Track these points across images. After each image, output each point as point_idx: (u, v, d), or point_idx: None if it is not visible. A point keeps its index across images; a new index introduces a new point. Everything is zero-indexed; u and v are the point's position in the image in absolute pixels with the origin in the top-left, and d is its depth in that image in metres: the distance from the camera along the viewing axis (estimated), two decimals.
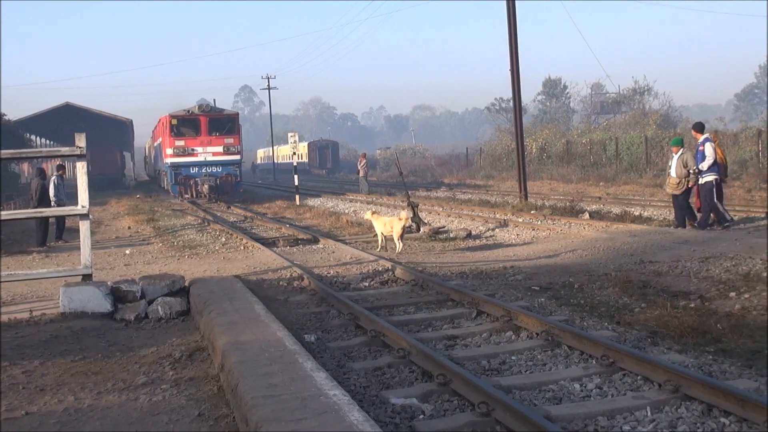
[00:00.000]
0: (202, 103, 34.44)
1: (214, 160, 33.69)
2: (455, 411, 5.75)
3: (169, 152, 33.88)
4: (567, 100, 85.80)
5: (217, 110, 35.19)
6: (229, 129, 34.73)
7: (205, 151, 33.64)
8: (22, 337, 7.87)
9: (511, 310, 8.50)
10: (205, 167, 33.55)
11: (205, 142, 33.74)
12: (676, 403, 5.67)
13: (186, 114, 34.00)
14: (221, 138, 34.10)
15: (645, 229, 15.80)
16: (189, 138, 33.82)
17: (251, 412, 4.58)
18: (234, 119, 35.49)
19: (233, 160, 34.59)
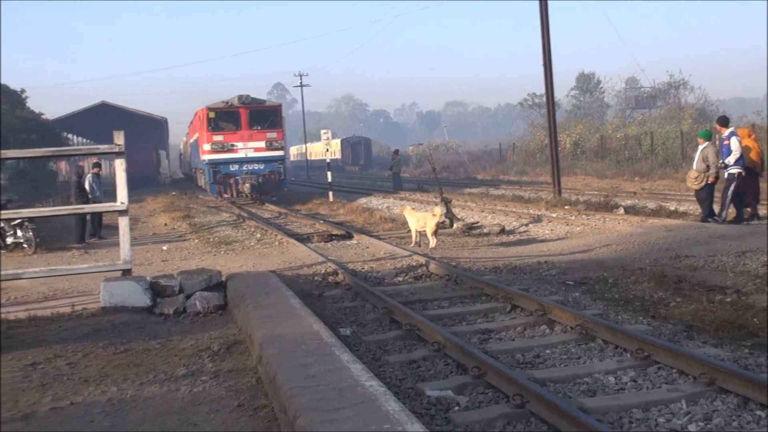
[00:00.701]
0: (242, 95, 30.28)
1: (256, 156, 30.25)
2: (490, 403, 5.80)
3: (207, 148, 30.44)
4: (601, 95, 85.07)
5: (258, 102, 31.11)
6: (271, 122, 30.99)
7: (245, 146, 30.12)
8: (65, 330, 8.03)
9: (545, 305, 8.52)
10: (246, 164, 30.11)
11: (246, 136, 30.15)
12: (712, 395, 5.68)
13: (225, 106, 30.42)
14: (263, 132, 30.45)
15: (680, 224, 15.67)
16: (228, 132, 30.37)
17: (290, 401, 4.67)
18: (277, 111, 31.87)
19: (277, 156, 31.03)
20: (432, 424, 5.15)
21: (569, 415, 5.06)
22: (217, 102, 30.64)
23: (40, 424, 5.13)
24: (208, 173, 31.23)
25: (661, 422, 5.29)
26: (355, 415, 4.29)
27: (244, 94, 30.10)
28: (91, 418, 5.21)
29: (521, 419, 5.39)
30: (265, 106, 31.59)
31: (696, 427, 5.16)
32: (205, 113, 30.31)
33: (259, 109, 31.02)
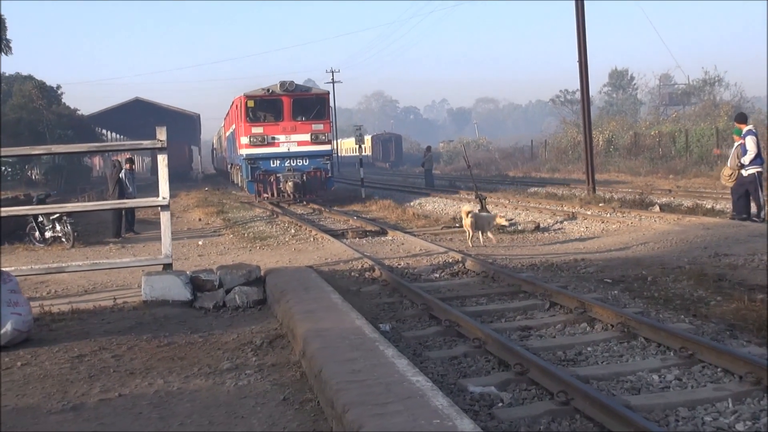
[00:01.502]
0: (285, 81, 26.45)
1: (300, 151, 26.53)
2: (534, 399, 5.80)
3: (245, 142, 26.67)
4: (634, 92, 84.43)
5: (303, 89, 27.38)
6: (318, 112, 27.08)
7: (288, 140, 26.37)
8: (109, 323, 8.13)
9: (585, 302, 8.49)
10: (288, 160, 26.37)
11: (289, 128, 26.39)
12: (759, 395, 5.63)
13: (265, 94, 26.52)
14: (308, 123, 26.61)
15: (718, 222, 15.52)
16: (269, 124, 26.47)
17: (337, 396, 4.69)
18: (324, 100, 27.67)
19: (323, 151, 27.04)
20: (477, 420, 5.15)
21: (616, 412, 5.05)
22: (257, 89, 26.89)
23: (90, 415, 5.21)
24: (245, 170, 27.17)
25: (708, 421, 5.26)
26: (403, 409, 4.31)
27: (287, 81, 26.45)
28: (139, 410, 5.28)
29: (566, 416, 5.39)
30: (310, 94, 27.67)
31: (743, 426, 5.12)
32: (243, 102, 26.69)
33: (303, 97, 27.19)
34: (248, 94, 26.65)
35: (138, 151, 25.19)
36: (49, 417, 5.20)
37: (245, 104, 26.43)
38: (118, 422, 5.05)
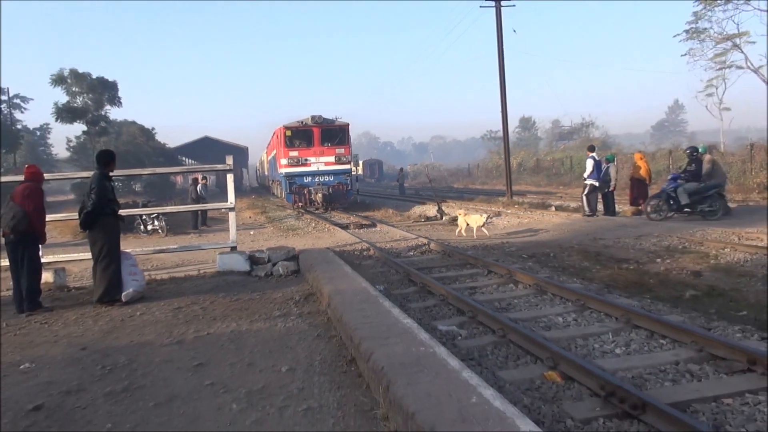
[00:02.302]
0: (315, 115, 24.98)
1: (327, 169, 24.58)
2: (482, 334, 5.84)
3: (284, 162, 24.82)
4: (535, 131, 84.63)
5: (328, 121, 25.34)
6: (340, 139, 25.05)
7: (317, 161, 24.64)
8: (196, 286, 8.07)
9: (511, 270, 8.53)
10: (318, 176, 24.52)
11: (318, 152, 24.59)
12: (629, 329, 5.71)
13: (300, 125, 24.85)
14: (333, 148, 24.77)
15: (594, 217, 15.63)
16: (302, 149, 24.66)
17: (354, 333, 4.70)
18: (345, 130, 25.39)
19: (344, 170, 24.99)
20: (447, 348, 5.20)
21: (537, 342, 5.11)
22: (293, 122, 25.15)
23: (189, 347, 5.19)
24: (284, 185, 25.00)
25: (596, 347, 5.33)
26: (400, 341, 4.34)
27: (317, 115, 24.74)
28: (221, 343, 5.26)
29: (504, 345, 5.44)
30: (334, 125, 25.27)
31: (620, 350, 5.19)
32: (283, 132, 24.81)
33: (329, 127, 25.12)
34: (287, 125, 24.92)
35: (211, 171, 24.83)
36: (161, 348, 5.17)
37: (284, 133, 24.61)
38: (208, 351, 5.03)
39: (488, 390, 3.29)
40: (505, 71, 23.98)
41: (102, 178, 6.98)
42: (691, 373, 4.54)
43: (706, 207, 14.08)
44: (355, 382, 4.14)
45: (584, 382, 4.32)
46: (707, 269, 8.49)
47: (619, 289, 7.57)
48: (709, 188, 14.19)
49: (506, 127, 24.90)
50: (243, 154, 65.56)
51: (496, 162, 52.81)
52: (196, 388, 4.16)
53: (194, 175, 21.85)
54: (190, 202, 19.94)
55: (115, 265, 6.89)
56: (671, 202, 14.50)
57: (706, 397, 4.03)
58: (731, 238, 10.96)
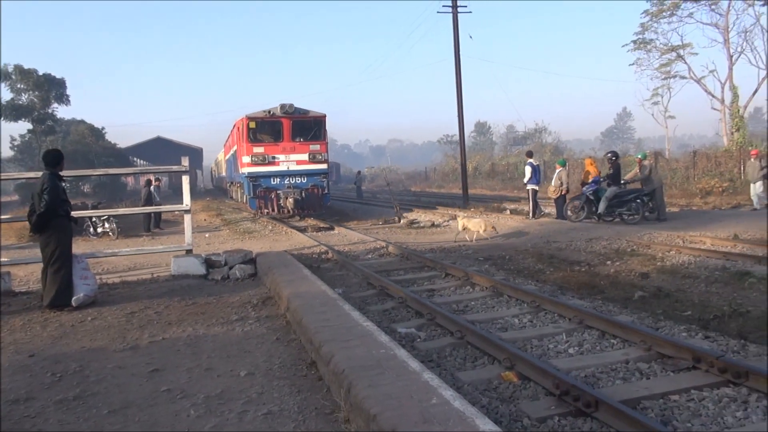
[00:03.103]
0: (285, 104, 20.84)
1: (299, 169, 20.89)
2: (440, 336, 5.90)
3: (246, 161, 20.96)
4: (490, 136, 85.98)
5: (301, 112, 21.51)
6: (315, 134, 21.34)
7: (287, 159, 20.85)
8: (149, 290, 7.88)
9: (468, 272, 8.66)
10: (288, 178, 20.74)
11: (288, 148, 20.85)
12: (581, 330, 5.87)
13: (266, 116, 20.86)
14: (306, 144, 21.05)
15: (548, 221, 16.00)
16: (269, 144, 20.77)
17: (315, 336, 4.69)
18: (321, 122, 21.66)
19: (320, 170, 21.38)
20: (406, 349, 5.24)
21: (494, 343, 5.20)
22: (258, 111, 21.07)
23: (143, 352, 5.07)
24: (247, 187, 21.12)
25: (551, 347, 5.47)
26: (360, 344, 4.35)
27: (287, 103, 20.60)
28: (178, 348, 5.16)
29: (462, 347, 5.52)
30: (308, 117, 21.45)
31: (573, 350, 5.34)
32: (245, 123, 20.77)
33: (302, 119, 21.25)
34: (250, 115, 20.72)
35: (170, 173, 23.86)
36: (115, 354, 5.03)
37: (247, 125, 20.52)
38: (164, 356, 4.93)
39: (448, 391, 3.34)
40: (461, 76, 24.34)
41: (54, 177, 6.75)
42: (640, 372, 4.71)
43: (625, 210, 14.72)
44: (316, 386, 4.13)
45: (540, 381, 4.42)
46: (654, 271, 8.82)
47: (572, 291, 7.78)
48: (629, 193, 14.87)
49: (462, 131, 25.25)
50: (197, 155, 64.36)
51: (452, 166, 53.42)
52: (152, 394, 4.07)
53: (147, 176, 21.34)
54: (142, 203, 19.44)
55: (67, 269, 6.67)
56: (591, 205, 15.11)
57: (655, 394, 4.19)
58: (676, 242, 11.40)
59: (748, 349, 5.12)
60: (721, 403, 4.05)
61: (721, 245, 10.86)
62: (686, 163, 30.13)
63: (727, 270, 8.60)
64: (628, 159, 31.63)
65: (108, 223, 16.82)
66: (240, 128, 21.55)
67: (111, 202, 31.13)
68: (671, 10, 36.85)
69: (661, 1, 37.12)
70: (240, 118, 21.21)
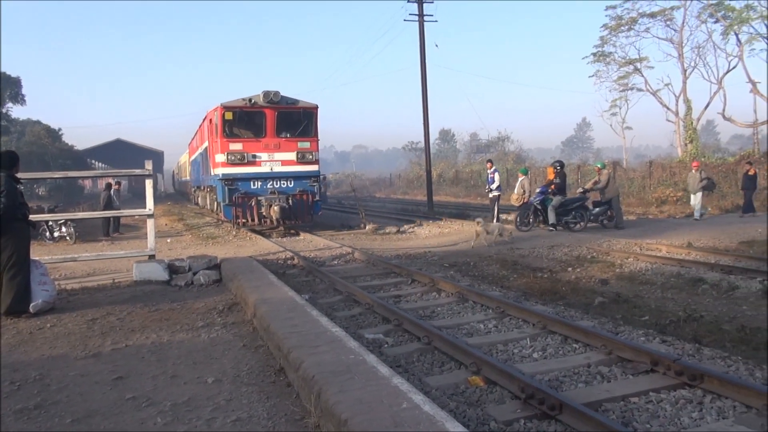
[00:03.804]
0: (269, 91, 17.11)
1: (285, 171, 17.33)
2: (407, 342, 5.94)
3: (221, 159, 17.01)
4: (454, 143, 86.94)
5: (289, 101, 17.74)
6: (305, 128, 17.66)
7: (271, 158, 17.22)
8: (111, 296, 7.70)
9: (434, 279, 8.74)
10: (271, 181, 17.22)
11: (272, 146, 17.21)
12: (545, 335, 6.00)
13: (246, 105, 17.02)
14: (294, 141, 17.45)
15: (511, 228, 16.23)
16: (249, 140, 17.12)
17: (282, 342, 4.67)
18: (312, 114, 17.89)
19: (310, 172, 17.69)
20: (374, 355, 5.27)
21: (460, 348, 5.28)
22: (236, 100, 17.19)
23: (106, 360, 4.96)
24: (221, 192, 17.26)
25: (516, 352, 5.58)
26: (329, 350, 4.36)
27: (272, 90, 17.04)
28: (142, 355, 5.07)
29: (429, 352, 5.57)
30: (297, 107, 17.69)
31: (537, 355, 5.46)
32: (220, 114, 16.89)
33: (290, 110, 17.50)
34: (226, 104, 16.92)
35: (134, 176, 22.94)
36: (76, 362, 4.91)
37: (222, 116, 16.76)
38: (128, 364, 4.84)
39: (418, 395, 3.39)
40: (427, 84, 24.57)
41: (10, 180, 6.56)
42: (601, 375, 4.85)
43: (571, 219, 15.20)
44: (285, 392, 4.12)
45: (505, 385, 4.51)
46: (613, 277, 9.08)
47: (536, 297, 7.94)
48: (573, 201, 15.37)
49: (428, 138, 25.49)
50: (159, 158, 63.25)
51: (417, 172, 53.79)
52: (116, 402, 4.00)
53: (107, 179, 20.85)
54: (101, 207, 18.96)
55: (24, 275, 6.47)
56: (539, 214, 15.55)
57: (616, 397, 4.33)
58: (634, 249, 11.76)
59: (702, 352, 5.32)
60: (678, 405, 4.21)
61: (675, 253, 11.25)
62: (643, 172, 31.09)
63: (681, 276, 8.93)
64: (588, 168, 32.48)
65: (65, 227, 16.36)
66: (213, 120, 17.71)
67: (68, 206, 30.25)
68: (629, 24, 38.07)
69: (619, 16, 38.31)
70: (213, 108, 17.59)
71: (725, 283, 8.27)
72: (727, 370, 4.85)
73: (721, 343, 5.65)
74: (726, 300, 7.50)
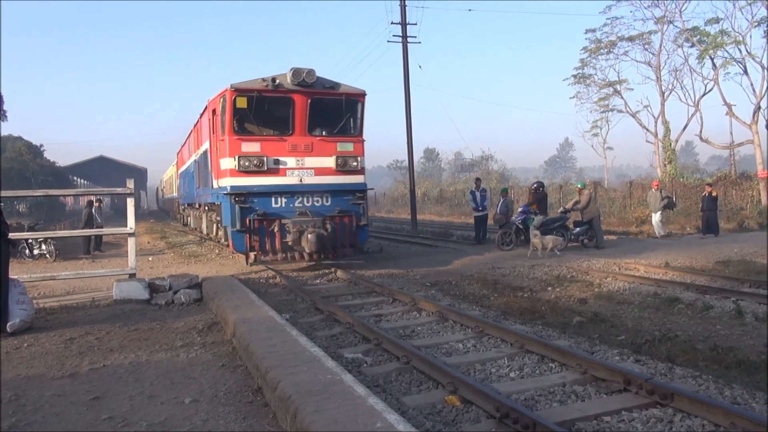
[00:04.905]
0: (299, 68, 11.69)
1: (320, 183, 12.16)
2: (387, 361, 5.97)
3: (229, 165, 11.69)
4: (439, 162, 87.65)
5: (327, 84, 12.25)
6: (347, 124, 12.68)
7: (301, 165, 11.95)
8: (90, 315, 7.66)
9: (415, 298, 8.78)
10: (300, 197, 11.97)
11: (302, 147, 11.94)
12: (522, 354, 6.07)
13: (266, 88, 11.59)
14: (332, 141, 12.37)
15: (492, 247, 16.37)
16: (270, 139, 11.90)
17: (261, 362, 4.70)
18: (358, 104, 12.59)
19: (354, 185, 12.59)
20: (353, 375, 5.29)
21: (438, 368, 5.32)
22: (252, 80, 11.81)
23: (83, 380, 4.95)
24: (229, 212, 11.86)
25: (493, 371, 5.63)
26: (307, 369, 4.39)
27: (304, 68, 11.83)
28: (119, 375, 5.06)
29: (408, 371, 5.60)
30: (338, 93, 12.40)
31: (514, 374, 5.52)
32: (230, 100, 11.59)
33: (328, 97, 12.31)
34: (238, 86, 11.62)
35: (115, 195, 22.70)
36: (53, 382, 4.89)
37: (232, 104, 11.53)
38: (105, 384, 4.82)
39: (393, 415, 3.43)
40: (411, 104, 24.81)
41: None
42: (576, 394, 4.93)
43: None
44: (262, 412, 4.14)
45: (481, 405, 4.56)
46: (592, 297, 9.20)
47: (515, 316, 8.02)
48: (554, 221, 15.60)
49: (411, 157, 25.64)
50: (142, 175, 62.94)
51: (401, 191, 54.00)
52: (92, 422, 3.99)
53: (89, 196, 20.69)
54: (82, 225, 18.81)
55: (2, 294, 6.43)
56: (520, 233, 15.76)
57: (589, 416, 4.40)
58: (612, 269, 11.92)
59: (674, 371, 5.43)
60: (649, 423, 4.29)
61: (653, 272, 11.43)
62: (623, 192, 31.57)
63: (658, 296, 9.08)
64: (570, 188, 32.89)
65: (45, 245, 16.20)
66: (218, 111, 12.15)
67: (48, 223, 29.94)
68: (608, 48, 38.88)
69: (598, 39, 39.12)
70: (218, 93, 12.22)
71: (700, 303, 8.42)
72: (698, 389, 4.95)
73: (694, 363, 5.75)
74: (701, 320, 7.64)
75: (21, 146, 44.95)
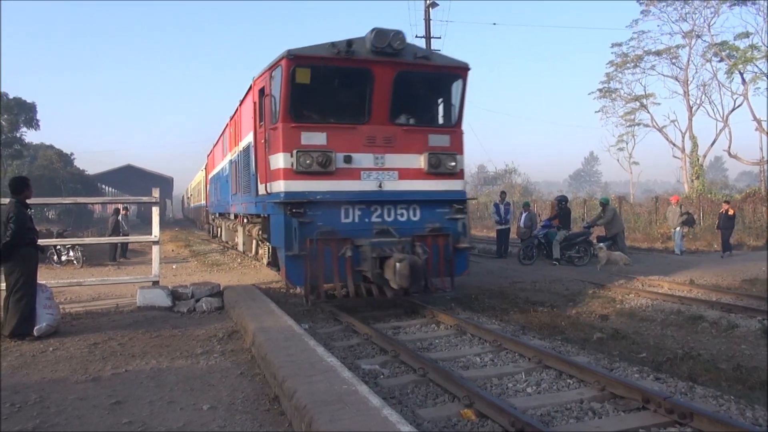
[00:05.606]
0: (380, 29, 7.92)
1: (406, 190, 8.36)
2: (403, 373, 5.98)
3: (281, 163, 7.91)
4: None
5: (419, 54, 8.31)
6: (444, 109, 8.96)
7: (380, 164, 8.15)
8: (114, 321, 7.83)
9: (433, 311, 8.76)
10: (379, 209, 8.19)
11: (382, 139, 8.12)
12: (540, 370, 6.03)
13: (336, 56, 7.77)
14: (422, 131, 8.50)
15: (511, 261, 16.29)
16: (338, 128, 8.06)
17: (278, 371, 4.75)
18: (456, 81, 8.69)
19: (451, 193, 8.73)
20: (369, 386, 5.32)
21: (455, 381, 5.33)
22: (316, 45, 7.98)
23: (105, 384, 5.06)
24: (282, 229, 8.07)
25: (510, 386, 5.61)
26: (323, 379, 4.43)
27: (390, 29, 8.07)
28: (140, 381, 5.16)
29: (424, 384, 5.61)
30: (433, 66, 8.51)
31: (531, 389, 5.49)
32: (286, 72, 7.74)
33: (421, 70, 8.45)
34: (298, 52, 7.86)
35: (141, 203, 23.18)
36: (76, 385, 5.01)
37: (289, 78, 7.87)
38: (126, 389, 4.93)
39: (407, 427, 3.45)
40: None
41: (19, 206, 6.76)
42: (593, 411, 4.89)
43: (574, 253, 15.25)
44: (278, 420, 4.19)
45: (497, 419, 4.55)
46: (613, 313, 9.10)
47: (534, 331, 7.97)
48: (577, 236, 15.44)
49: None
50: (168, 184, 63.95)
51: None
52: (113, 426, 4.08)
53: (116, 204, 21.12)
54: (109, 232, 19.21)
55: (29, 298, 6.62)
56: (542, 248, 15.63)
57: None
58: (635, 285, 11.76)
59: (695, 390, 5.34)
60: None
61: (677, 289, 11.25)
62: (649, 208, 31.10)
63: (681, 314, 8.94)
64: (594, 202, 32.55)
65: (73, 251, 16.56)
66: (267, 89, 8.59)
67: (76, 230, 30.58)
68: (635, 62, 38.54)
69: (625, 53, 38.83)
70: (268, 67, 8.54)
71: (725, 322, 8.28)
72: (718, 409, 4.87)
73: (716, 382, 5.66)
74: (725, 338, 7.51)
75: (52, 154, 46.15)
